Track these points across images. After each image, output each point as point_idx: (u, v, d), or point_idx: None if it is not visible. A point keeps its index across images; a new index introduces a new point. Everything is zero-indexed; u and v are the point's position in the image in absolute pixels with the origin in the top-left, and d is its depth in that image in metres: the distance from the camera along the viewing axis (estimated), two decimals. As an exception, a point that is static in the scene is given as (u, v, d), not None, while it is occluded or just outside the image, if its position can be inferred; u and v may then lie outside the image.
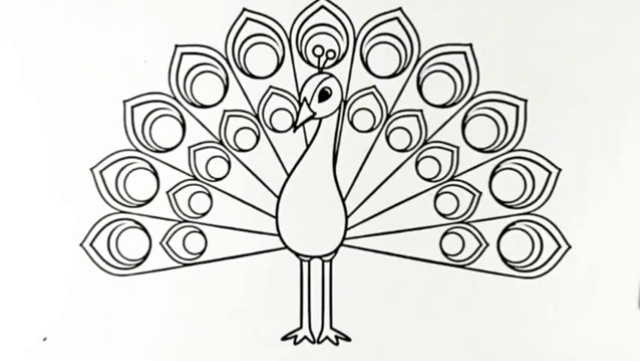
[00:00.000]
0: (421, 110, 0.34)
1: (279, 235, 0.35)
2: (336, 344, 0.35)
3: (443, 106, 0.34)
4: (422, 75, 0.34)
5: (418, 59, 0.34)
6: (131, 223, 0.34)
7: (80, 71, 0.34)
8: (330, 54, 0.34)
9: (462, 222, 0.35)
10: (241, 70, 0.34)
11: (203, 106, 0.34)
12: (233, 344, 0.35)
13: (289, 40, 0.34)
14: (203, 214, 0.35)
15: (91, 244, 0.34)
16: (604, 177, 0.34)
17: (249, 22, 0.34)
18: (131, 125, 0.34)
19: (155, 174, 0.34)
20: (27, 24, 0.33)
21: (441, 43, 0.34)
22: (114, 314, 0.34)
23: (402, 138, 0.35)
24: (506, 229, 0.35)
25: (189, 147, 0.34)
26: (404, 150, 0.35)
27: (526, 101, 0.34)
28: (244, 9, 0.34)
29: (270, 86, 0.34)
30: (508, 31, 0.34)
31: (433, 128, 0.35)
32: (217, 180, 0.35)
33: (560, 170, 0.34)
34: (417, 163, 0.35)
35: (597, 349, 0.35)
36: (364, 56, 0.34)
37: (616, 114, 0.34)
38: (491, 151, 0.35)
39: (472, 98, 0.34)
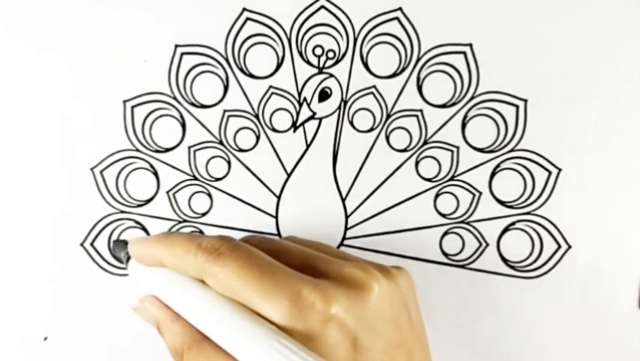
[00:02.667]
0: (421, 110, 0.34)
1: (279, 234, 0.35)
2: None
3: (443, 106, 0.34)
4: (422, 75, 0.34)
5: (418, 59, 0.34)
6: (132, 223, 0.34)
7: (80, 71, 0.34)
8: (330, 54, 0.34)
9: (462, 222, 0.35)
10: (241, 70, 0.34)
11: (203, 106, 0.34)
12: (233, 344, 0.35)
13: (289, 40, 0.34)
14: (203, 214, 0.35)
15: (91, 244, 0.34)
16: (604, 177, 0.34)
17: (248, 22, 0.34)
18: (131, 125, 0.34)
19: (156, 174, 0.34)
20: (25, 22, 0.33)
21: (441, 43, 0.34)
22: (115, 314, 0.34)
23: (402, 138, 0.35)
24: (506, 229, 0.35)
25: (189, 147, 0.34)
26: (404, 150, 0.35)
27: (526, 101, 0.34)
28: (244, 9, 0.34)
29: (270, 86, 0.34)
30: (508, 31, 0.34)
31: (433, 128, 0.35)
32: (217, 180, 0.35)
33: (560, 170, 0.34)
34: (417, 163, 0.35)
35: (597, 349, 0.35)
36: (364, 56, 0.34)
37: (616, 114, 0.34)
38: (491, 151, 0.35)
39: (472, 98, 0.34)
